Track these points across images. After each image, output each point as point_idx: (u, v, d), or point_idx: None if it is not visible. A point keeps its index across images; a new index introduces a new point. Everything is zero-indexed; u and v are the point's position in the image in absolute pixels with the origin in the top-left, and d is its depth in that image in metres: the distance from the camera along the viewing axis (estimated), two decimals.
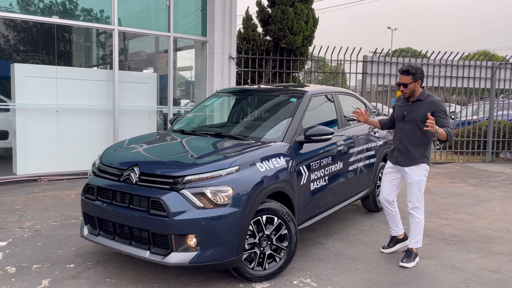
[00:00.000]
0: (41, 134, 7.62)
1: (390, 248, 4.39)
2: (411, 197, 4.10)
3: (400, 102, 4.21)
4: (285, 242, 3.69)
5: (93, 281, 3.58)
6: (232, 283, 3.57)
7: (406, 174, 4.08)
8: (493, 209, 6.28)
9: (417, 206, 4.10)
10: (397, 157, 4.12)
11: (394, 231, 4.42)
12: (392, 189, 4.26)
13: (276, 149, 3.85)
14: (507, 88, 11.32)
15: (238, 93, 5.42)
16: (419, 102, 4.01)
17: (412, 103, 4.05)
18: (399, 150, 4.10)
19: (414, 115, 3.99)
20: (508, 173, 9.47)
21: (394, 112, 4.26)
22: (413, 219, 4.14)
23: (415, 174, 4.03)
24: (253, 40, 10.48)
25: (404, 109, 4.09)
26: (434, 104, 3.94)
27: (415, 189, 4.05)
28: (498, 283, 3.71)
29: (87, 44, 9.28)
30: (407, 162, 4.05)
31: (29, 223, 5.08)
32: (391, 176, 4.24)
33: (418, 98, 4.01)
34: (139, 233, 3.36)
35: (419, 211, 4.11)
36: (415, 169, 4.03)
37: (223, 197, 3.27)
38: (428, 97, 4.02)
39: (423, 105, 3.97)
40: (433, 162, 10.82)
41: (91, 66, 9.27)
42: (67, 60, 8.82)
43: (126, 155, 3.91)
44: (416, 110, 3.99)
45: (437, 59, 10.81)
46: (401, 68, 4.04)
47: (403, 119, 4.08)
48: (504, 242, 4.82)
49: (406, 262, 4.04)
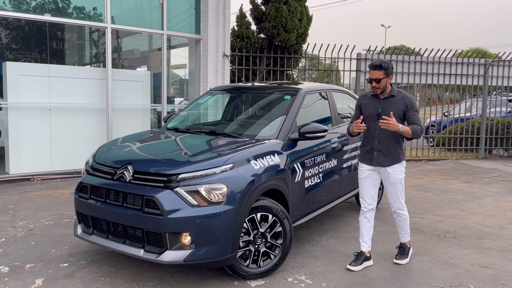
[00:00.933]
0: (34, 133, 7.57)
1: (359, 266, 3.89)
2: (396, 197, 3.94)
3: (367, 101, 3.97)
4: (280, 239, 3.69)
5: (87, 280, 3.56)
6: (227, 281, 3.57)
7: (389, 174, 3.88)
8: (486, 206, 6.32)
9: (402, 206, 3.98)
10: (378, 158, 3.88)
11: (366, 244, 4.01)
12: (374, 193, 4.01)
13: (270, 146, 3.85)
14: (500, 85, 11.38)
15: (232, 91, 5.41)
16: (392, 98, 3.86)
17: (384, 99, 3.87)
18: (378, 151, 3.87)
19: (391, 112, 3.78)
20: (501, 170, 9.53)
21: (362, 111, 3.97)
22: (400, 218, 4.04)
23: (398, 172, 3.88)
24: (247, 37, 10.47)
25: (377, 106, 3.87)
26: (408, 100, 3.83)
27: (399, 188, 3.91)
28: (492, 279, 3.74)
29: (80, 42, 9.22)
30: (389, 161, 3.86)
31: (22, 223, 5.05)
32: (372, 179, 3.97)
33: (391, 94, 3.86)
34: (133, 232, 3.35)
35: (404, 208, 4.00)
36: (397, 167, 3.87)
37: (218, 195, 3.27)
38: (399, 93, 3.90)
39: (397, 101, 3.83)
40: (426, 159, 10.88)
41: (84, 65, 9.21)
42: (59, 59, 8.75)
43: (120, 153, 3.89)
44: (391, 106, 3.82)
45: (430, 57, 10.85)
46: (372, 63, 3.83)
47: (378, 117, 3.82)
48: (497, 238, 4.85)
49: (400, 259, 4.03)
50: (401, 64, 10.67)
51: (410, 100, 3.83)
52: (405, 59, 10.70)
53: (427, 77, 10.86)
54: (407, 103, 3.81)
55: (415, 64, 10.75)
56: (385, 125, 3.62)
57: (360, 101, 4.04)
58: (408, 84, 11.17)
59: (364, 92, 4.12)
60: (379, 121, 3.69)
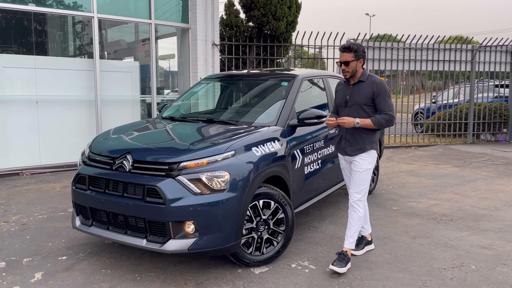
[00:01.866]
0: (22, 127, 7.40)
1: (361, 250, 3.89)
2: (357, 188, 3.62)
3: (341, 87, 3.79)
4: (282, 226, 3.67)
5: (88, 272, 3.50)
6: (230, 269, 3.54)
7: (355, 163, 3.63)
8: (479, 189, 6.39)
9: (361, 199, 3.64)
10: (345, 147, 3.68)
11: (364, 229, 3.95)
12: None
13: (270, 133, 3.81)
14: (487, 71, 11.50)
15: (227, 79, 5.34)
16: (361, 84, 3.60)
17: (353, 85, 3.64)
18: (346, 139, 3.66)
19: (357, 98, 3.57)
20: (489, 154, 9.67)
21: (336, 98, 3.83)
22: (355, 214, 3.63)
23: (365, 162, 3.60)
24: (236, 26, 10.35)
25: (346, 93, 3.66)
26: (376, 85, 3.53)
27: (362, 178, 3.60)
28: (492, 259, 3.78)
29: (66, 33, 9.00)
30: (355, 150, 3.61)
31: (15, 217, 4.93)
32: (348, 168, 3.78)
33: (360, 79, 3.60)
34: (135, 222, 3.29)
35: (361, 204, 3.65)
36: (365, 157, 3.60)
37: (220, 183, 3.22)
38: (369, 78, 3.61)
39: (365, 87, 3.57)
40: (416, 145, 10.98)
41: (71, 56, 9.02)
42: (45, 50, 8.54)
43: (117, 143, 3.81)
44: (358, 92, 3.58)
45: (418, 43, 10.87)
46: (342, 45, 3.58)
47: (346, 104, 3.64)
48: (492, 219, 4.92)
49: (336, 265, 3.47)
50: (390, 51, 10.69)
51: (378, 86, 3.52)
52: (394, 45, 10.72)
53: (415, 63, 10.91)
54: (374, 89, 3.52)
55: (403, 51, 10.78)
56: (341, 124, 3.53)
57: (336, 88, 3.89)
58: (398, 71, 11.21)
59: (341, 79, 3.92)
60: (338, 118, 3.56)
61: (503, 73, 11.81)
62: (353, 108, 3.61)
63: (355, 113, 3.59)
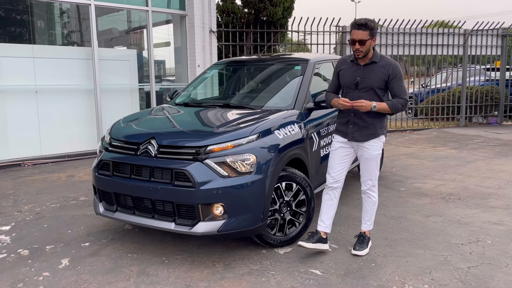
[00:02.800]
0: (21, 117, 7.30)
1: (312, 244, 3.45)
2: (370, 175, 3.51)
3: (347, 66, 3.47)
4: (303, 207, 3.75)
5: (114, 257, 3.53)
6: (254, 250, 3.61)
7: (365, 149, 3.44)
8: (480, 169, 6.56)
9: (375, 184, 3.55)
10: (353, 132, 3.42)
11: (324, 224, 3.56)
12: (343, 168, 3.54)
13: (289, 116, 3.86)
14: (479, 55, 11.68)
15: (239, 64, 5.34)
16: (373, 65, 3.34)
17: (364, 66, 3.37)
18: (354, 124, 3.41)
19: (371, 81, 3.32)
20: (483, 136, 9.88)
21: (339, 78, 3.52)
22: (369, 199, 3.58)
23: (375, 147, 3.43)
24: (233, 12, 10.30)
25: (356, 74, 3.38)
26: (391, 67, 3.31)
27: (374, 165, 3.48)
28: (506, 234, 3.92)
29: (64, 22, 8.85)
30: (366, 136, 3.40)
31: (27, 207, 4.91)
32: (343, 152, 3.52)
33: (372, 60, 3.35)
34: (163, 206, 3.32)
35: (375, 189, 3.57)
36: (375, 142, 3.42)
37: (246, 165, 3.26)
38: (382, 59, 3.37)
39: (378, 68, 3.32)
40: (411, 129, 11.15)
41: (68, 44, 8.88)
42: (43, 39, 8.41)
43: (139, 128, 3.81)
44: (372, 74, 3.31)
45: (412, 28, 10.98)
46: (357, 21, 3.27)
47: (356, 86, 3.38)
48: (499, 197, 5.07)
49: (359, 249, 3.50)
50: (385, 36, 10.77)
51: (393, 68, 3.31)
52: (389, 30, 10.80)
53: (409, 48, 11.02)
54: (389, 72, 3.30)
55: (398, 36, 10.87)
56: (358, 107, 3.26)
57: (339, 67, 3.53)
58: (392, 56, 11.31)
59: (343, 57, 3.63)
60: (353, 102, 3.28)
61: (493, 57, 12.01)
62: (365, 91, 3.36)
63: (367, 97, 3.34)
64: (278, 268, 3.30)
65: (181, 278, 3.16)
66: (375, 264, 3.36)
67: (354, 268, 3.30)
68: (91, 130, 8.00)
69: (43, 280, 3.17)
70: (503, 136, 9.84)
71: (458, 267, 3.27)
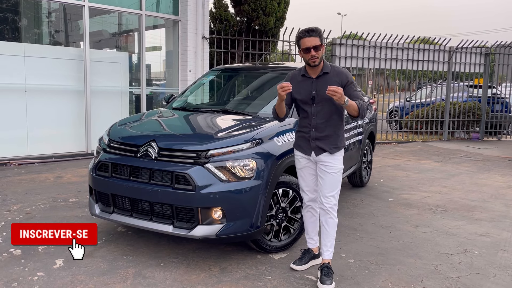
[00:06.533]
0: (9, 116, 7.21)
1: (304, 265, 3.45)
2: (332, 191, 3.20)
3: (299, 81, 3.25)
4: (299, 214, 3.80)
5: (109, 259, 3.51)
6: (250, 255, 3.64)
7: (327, 164, 3.19)
8: (464, 182, 6.74)
9: (336, 203, 3.25)
10: (315, 147, 3.21)
11: (313, 241, 3.51)
12: (315, 183, 3.34)
13: (287, 124, 3.91)
14: (462, 71, 12.02)
15: (236, 71, 5.41)
16: (326, 76, 3.15)
17: (317, 78, 3.17)
18: (316, 139, 3.20)
19: (326, 93, 2.95)
20: (465, 151, 10.14)
21: (293, 94, 3.25)
22: (331, 220, 3.25)
23: (339, 161, 3.23)
24: (226, 20, 10.38)
25: (309, 88, 3.19)
26: (344, 75, 3.15)
27: (337, 179, 3.22)
28: (492, 245, 4.05)
29: (57, 21, 8.80)
30: (329, 150, 3.19)
31: (16, 206, 4.85)
32: (311, 169, 3.33)
33: (324, 71, 3.16)
34: (161, 208, 3.33)
35: (336, 208, 3.26)
36: (338, 156, 3.23)
37: (247, 171, 3.31)
38: (333, 68, 3.19)
39: (332, 78, 3.13)
40: (396, 142, 11.37)
41: (61, 44, 8.82)
42: (34, 38, 8.33)
43: (139, 130, 3.83)
44: (326, 86, 2.98)
45: (400, 43, 11.24)
46: (305, 29, 3.10)
47: (313, 100, 3.17)
48: (483, 210, 5.23)
49: (330, 283, 3.13)
50: (367, 49, 10.97)
51: (346, 75, 3.16)
52: (377, 44, 11.02)
53: (396, 62, 11.27)
54: (342, 79, 3.13)
55: (385, 50, 11.11)
56: (332, 93, 2.89)
57: (289, 82, 3.16)
58: (380, 69, 11.53)
59: (292, 72, 3.37)
60: (326, 91, 2.92)
61: (477, 74, 12.37)
62: (321, 104, 3.17)
63: (326, 110, 3.18)
64: (274, 273, 3.34)
65: (178, 281, 3.17)
66: (369, 271, 3.44)
67: (348, 275, 3.37)
68: (80, 132, 7.93)
69: (38, 280, 3.14)
70: (485, 151, 10.12)
71: (448, 276, 3.37)
